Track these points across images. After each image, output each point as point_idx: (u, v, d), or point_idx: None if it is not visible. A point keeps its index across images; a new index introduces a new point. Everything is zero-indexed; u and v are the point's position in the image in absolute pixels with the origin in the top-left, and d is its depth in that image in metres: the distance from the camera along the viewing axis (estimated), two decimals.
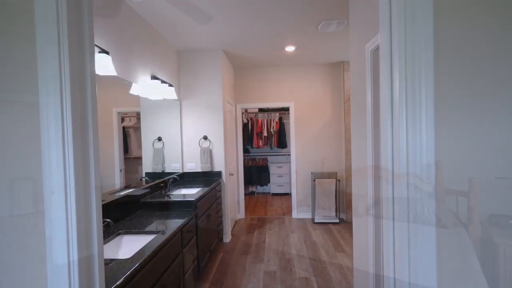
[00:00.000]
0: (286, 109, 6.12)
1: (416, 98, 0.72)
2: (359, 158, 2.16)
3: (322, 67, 4.66)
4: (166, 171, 3.26)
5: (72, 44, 0.73)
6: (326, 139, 4.69)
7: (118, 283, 1.22)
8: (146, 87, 2.68)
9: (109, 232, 1.86)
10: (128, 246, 1.86)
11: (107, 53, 1.86)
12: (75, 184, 0.72)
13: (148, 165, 2.80)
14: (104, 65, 1.82)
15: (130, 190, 2.36)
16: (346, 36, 3.32)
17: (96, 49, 1.84)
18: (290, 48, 3.75)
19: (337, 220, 4.39)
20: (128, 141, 2.51)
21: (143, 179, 2.71)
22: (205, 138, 3.71)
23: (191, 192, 3.02)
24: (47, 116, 0.72)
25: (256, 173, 6.46)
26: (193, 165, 3.73)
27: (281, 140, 6.22)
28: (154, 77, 2.80)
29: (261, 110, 6.34)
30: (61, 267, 0.72)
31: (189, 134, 3.73)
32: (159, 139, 3.11)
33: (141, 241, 1.88)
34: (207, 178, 3.70)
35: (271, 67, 4.71)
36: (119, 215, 2.13)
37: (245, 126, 6.17)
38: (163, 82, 2.95)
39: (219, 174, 3.73)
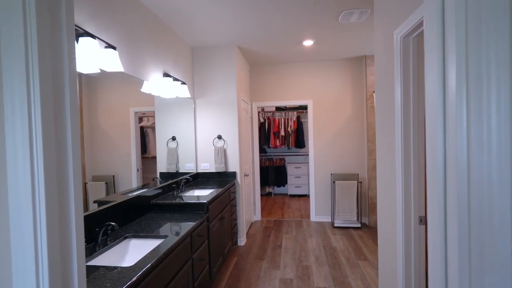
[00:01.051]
0: (304, 108, 5.90)
1: (482, 87, 0.54)
2: (386, 158, 1.94)
3: (342, 62, 4.41)
4: (180, 171, 3.17)
5: (43, 24, 0.60)
6: (347, 138, 4.44)
7: None
8: (158, 85, 2.60)
9: (116, 236, 1.77)
10: (135, 252, 1.77)
11: (114, 48, 1.77)
12: (46, 200, 0.60)
13: (162, 165, 2.73)
14: (110, 60, 1.73)
15: (142, 191, 2.28)
16: (369, 27, 3.08)
17: (102, 44, 1.76)
18: (308, 42, 3.54)
19: (359, 225, 4.13)
20: (146, 141, 2.49)
21: (156, 179, 2.64)
22: (219, 137, 3.60)
23: (203, 194, 2.91)
24: (12, 112, 0.60)
25: (273, 174, 6.30)
26: (207, 165, 3.62)
27: (299, 139, 6.01)
28: (166, 75, 2.71)
29: (278, 109, 6.17)
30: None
31: (203, 133, 3.63)
32: (173, 138, 3.03)
33: (148, 246, 1.78)
34: (221, 179, 3.58)
35: (288, 63, 4.52)
36: (129, 216, 2.05)
37: (261, 125, 6.03)
38: (175, 79, 2.86)
39: (233, 175, 3.60)
